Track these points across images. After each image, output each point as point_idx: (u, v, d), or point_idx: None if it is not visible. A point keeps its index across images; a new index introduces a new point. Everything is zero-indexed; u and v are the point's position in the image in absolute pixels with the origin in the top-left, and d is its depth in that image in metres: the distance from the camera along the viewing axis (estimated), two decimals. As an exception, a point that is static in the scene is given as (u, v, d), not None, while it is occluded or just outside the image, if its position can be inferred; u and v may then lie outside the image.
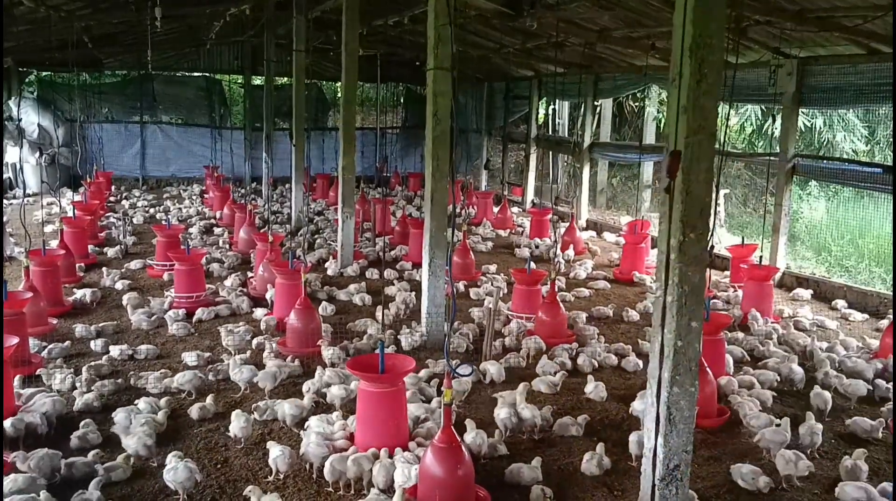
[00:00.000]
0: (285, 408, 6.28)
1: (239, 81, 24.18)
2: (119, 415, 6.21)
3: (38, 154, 17.75)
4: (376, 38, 17.19)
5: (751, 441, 6.20)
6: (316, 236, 14.83)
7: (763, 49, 11.33)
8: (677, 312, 4.56)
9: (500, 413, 6.20)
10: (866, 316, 10.14)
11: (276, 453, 5.39)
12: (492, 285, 11.14)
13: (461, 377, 6.63)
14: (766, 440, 5.95)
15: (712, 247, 8.17)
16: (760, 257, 10.64)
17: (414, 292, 10.12)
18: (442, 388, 5.00)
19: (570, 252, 13.46)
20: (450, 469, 4.72)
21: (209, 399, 6.57)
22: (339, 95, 13.06)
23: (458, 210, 17.29)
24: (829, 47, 10.62)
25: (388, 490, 5.06)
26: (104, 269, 11.49)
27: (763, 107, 16.52)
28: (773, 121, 14.38)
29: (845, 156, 16.10)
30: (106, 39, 17.99)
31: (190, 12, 15.46)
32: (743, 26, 10.44)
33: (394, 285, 10.95)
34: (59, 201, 16.20)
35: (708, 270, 8.01)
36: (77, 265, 11.50)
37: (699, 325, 4.66)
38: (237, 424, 5.96)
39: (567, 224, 14.57)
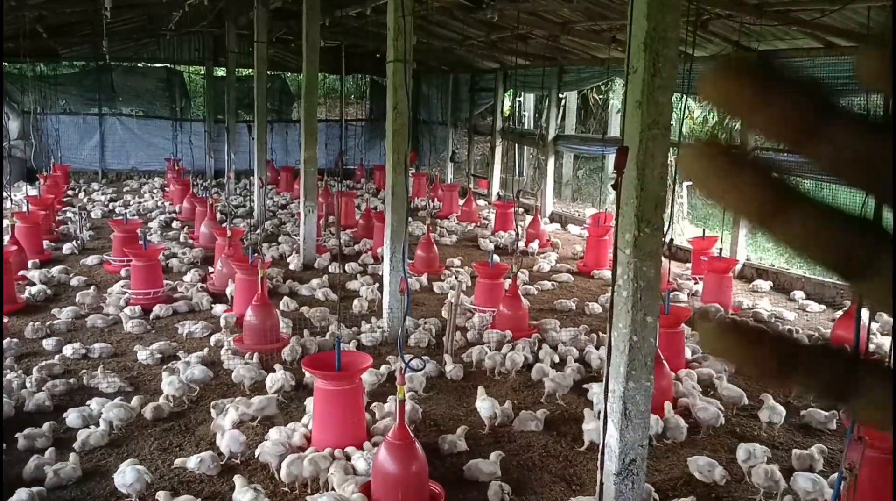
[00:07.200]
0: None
1: (201, 72, 23.77)
2: (71, 416, 6.09)
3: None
4: (339, 29, 16.99)
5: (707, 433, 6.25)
6: (279, 230, 14.66)
7: (723, 42, 11.39)
8: (632, 307, 4.56)
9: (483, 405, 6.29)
10: (823, 307, 10.28)
11: (225, 439, 5.41)
12: (455, 278, 11.09)
13: (415, 372, 6.59)
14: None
15: (671, 240, 8.22)
16: (720, 249, 10.73)
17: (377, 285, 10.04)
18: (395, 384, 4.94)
19: (534, 245, 13.46)
20: (403, 466, 4.66)
21: (162, 399, 6.43)
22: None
23: (423, 203, 17.23)
24: (789, 41, 10.71)
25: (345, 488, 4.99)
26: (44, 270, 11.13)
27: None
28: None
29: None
30: (62, 29, 17.54)
31: (148, 1, 15.13)
32: (703, 20, 10.48)
33: (357, 279, 10.85)
34: (12, 194, 15.80)
35: (668, 262, 8.05)
36: (31, 261, 11.20)
37: (655, 320, 4.65)
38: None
39: (531, 217, 14.57)
